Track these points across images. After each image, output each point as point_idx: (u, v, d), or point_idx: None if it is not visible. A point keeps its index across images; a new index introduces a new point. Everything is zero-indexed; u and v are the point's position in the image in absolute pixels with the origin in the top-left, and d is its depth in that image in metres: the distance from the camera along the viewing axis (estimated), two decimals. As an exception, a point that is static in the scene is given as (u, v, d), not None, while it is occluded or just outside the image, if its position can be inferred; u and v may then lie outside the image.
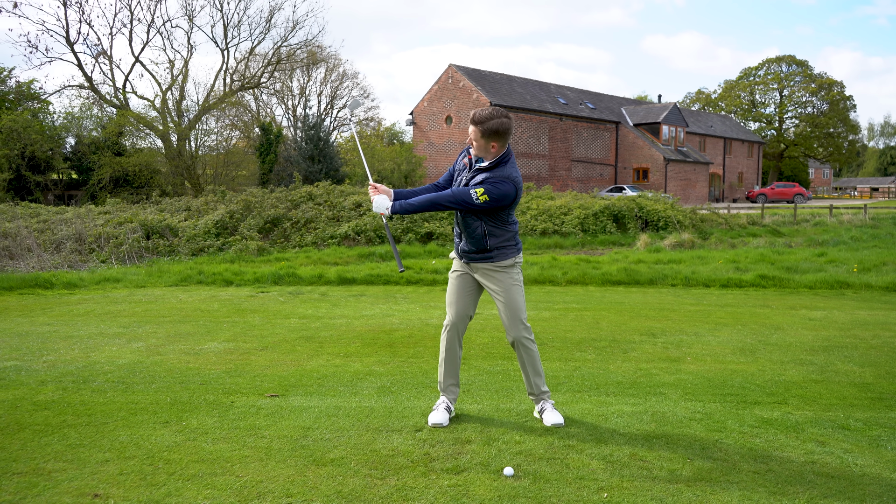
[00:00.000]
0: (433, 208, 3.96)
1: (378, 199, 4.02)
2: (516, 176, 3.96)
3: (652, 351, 6.07)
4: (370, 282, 10.67)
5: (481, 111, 3.89)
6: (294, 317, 7.74)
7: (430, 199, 3.98)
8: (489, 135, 3.88)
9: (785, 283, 10.40)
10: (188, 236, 18.14)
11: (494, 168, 3.97)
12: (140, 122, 34.27)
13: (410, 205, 3.99)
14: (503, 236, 4.09)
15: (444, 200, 3.94)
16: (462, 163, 4.18)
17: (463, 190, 3.93)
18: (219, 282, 10.68)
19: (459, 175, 4.15)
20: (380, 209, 4.00)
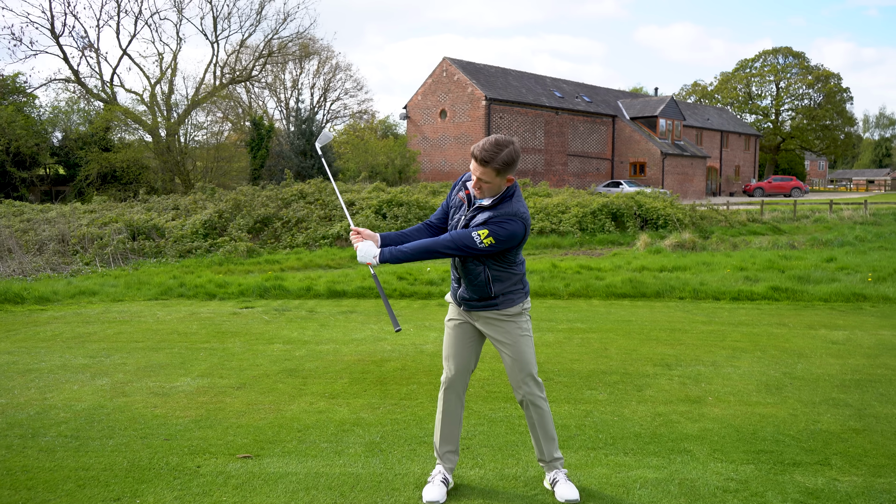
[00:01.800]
0: (429, 256, 3.39)
1: (363, 246, 3.44)
2: (524, 211, 3.39)
3: (668, 388, 5.52)
4: (361, 295, 10.09)
5: (483, 147, 3.29)
6: (278, 341, 7.17)
7: (424, 246, 3.39)
8: (504, 169, 3.30)
9: (798, 295, 9.87)
10: (175, 237, 17.56)
11: (499, 205, 3.40)
12: (128, 117, 33.50)
13: (402, 252, 3.41)
14: (510, 280, 3.53)
15: (441, 247, 3.36)
16: (457, 198, 3.60)
17: (463, 233, 3.35)
18: (201, 295, 10.09)
19: (456, 213, 3.58)
20: (365, 258, 3.42)
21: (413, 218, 19.65)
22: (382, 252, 3.42)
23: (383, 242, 3.54)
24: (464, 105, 38.85)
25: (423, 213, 19.91)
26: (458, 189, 3.61)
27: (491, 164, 3.26)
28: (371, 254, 3.42)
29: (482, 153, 3.27)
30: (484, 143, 3.29)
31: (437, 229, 3.69)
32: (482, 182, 3.34)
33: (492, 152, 3.25)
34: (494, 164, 3.26)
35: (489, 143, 3.28)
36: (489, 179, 3.31)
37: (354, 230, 3.55)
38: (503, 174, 3.31)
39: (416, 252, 3.39)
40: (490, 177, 3.30)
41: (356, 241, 3.50)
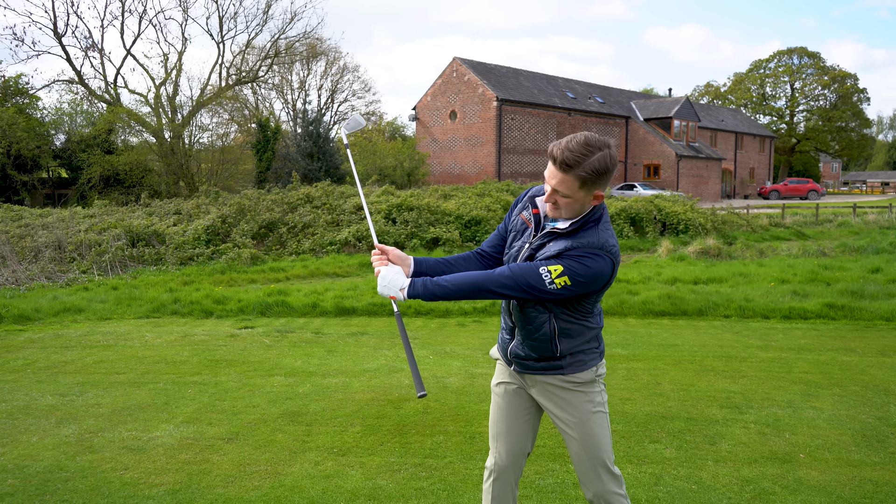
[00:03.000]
0: (477, 293, 2.46)
1: (387, 273, 2.53)
2: (613, 244, 2.46)
3: (746, 440, 4.58)
4: (372, 312, 9.17)
5: (566, 147, 2.34)
6: (279, 372, 6.26)
7: (472, 281, 2.46)
8: (593, 180, 2.37)
9: (856, 313, 8.90)
10: (176, 243, 16.73)
11: (580, 231, 2.46)
12: (131, 118, 32.74)
13: (441, 286, 2.47)
14: (582, 336, 2.60)
15: (494, 284, 2.43)
16: (519, 220, 2.66)
17: (527, 268, 2.43)
18: (197, 312, 9.19)
19: (517, 240, 2.64)
20: (389, 290, 2.51)
21: (424, 223, 18.75)
22: (414, 283, 2.49)
23: (416, 270, 2.62)
24: (474, 106, 37.93)
25: (434, 218, 19.01)
26: (520, 207, 2.67)
27: (575, 169, 2.32)
28: (397, 284, 2.50)
29: (564, 154, 2.32)
30: (568, 142, 2.35)
31: (491, 261, 2.74)
32: (559, 195, 2.40)
33: (578, 154, 2.31)
34: (580, 172, 2.32)
35: (576, 141, 2.34)
36: (570, 192, 2.38)
37: (379, 249, 2.63)
38: (590, 187, 2.38)
39: (461, 287, 2.45)
40: (571, 188, 2.37)
41: (378, 265, 2.59)
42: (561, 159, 2.32)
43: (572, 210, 2.43)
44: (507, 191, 25.49)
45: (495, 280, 2.43)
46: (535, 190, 2.63)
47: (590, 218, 2.46)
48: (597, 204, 2.45)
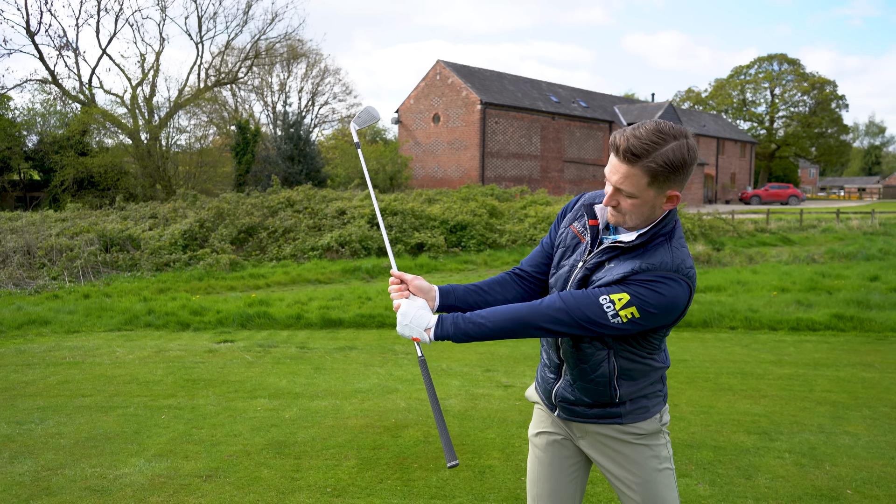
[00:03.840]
0: (522, 331, 1.96)
1: (408, 308, 2.03)
2: (691, 265, 1.97)
3: (784, 472, 4.14)
4: (360, 324, 8.66)
5: (633, 134, 1.87)
6: (262, 394, 5.72)
7: (515, 316, 1.96)
8: (666, 175, 1.88)
9: (865, 324, 8.55)
10: (152, 249, 16.10)
11: (649, 248, 1.97)
12: (107, 119, 31.84)
13: (476, 325, 1.97)
14: (646, 377, 2.12)
15: (544, 320, 1.93)
16: (569, 233, 2.16)
17: (584, 297, 1.93)
18: (172, 325, 8.61)
19: (567, 257, 2.13)
20: (412, 331, 2.01)
21: (408, 228, 18.25)
22: (442, 321, 1.99)
23: (443, 303, 2.12)
24: (458, 109, 37.49)
25: (418, 223, 18.52)
26: (571, 217, 2.18)
27: (643, 160, 1.84)
28: (421, 323, 2.00)
29: (630, 141, 1.85)
30: (635, 129, 1.88)
31: (532, 284, 2.24)
32: (623, 195, 1.92)
33: (648, 142, 1.84)
34: (650, 163, 1.84)
35: (644, 128, 1.86)
36: (636, 191, 1.89)
37: (396, 278, 2.14)
38: (662, 184, 1.90)
39: (501, 324, 1.96)
40: (638, 186, 1.88)
41: (398, 298, 2.10)
42: (625, 147, 1.85)
43: (639, 215, 1.95)
44: (491, 195, 25.05)
45: (544, 314, 1.93)
46: (589, 196, 2.14)
47: (660, 230, 1.97)
48: (670, 209, 1.97)
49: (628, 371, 2.06)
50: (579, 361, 2.07)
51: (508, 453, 4.41)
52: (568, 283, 2.07)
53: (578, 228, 2.12)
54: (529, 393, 2.40)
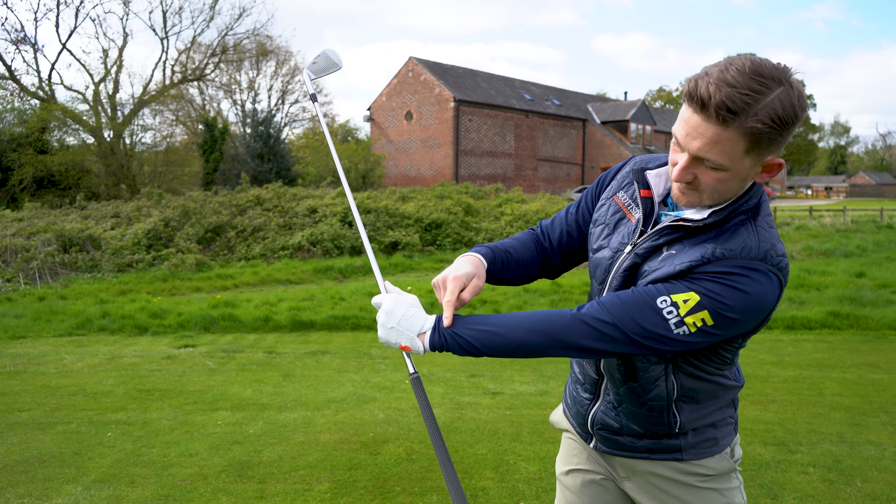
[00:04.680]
0: (550, 349, 1.43)
1: (395, 307, 1.48)
2: (782, 252, 1.43)
3: (812, 490, 3.68)
4: (333, 326, 8.09)
5: (724, 79, 1.28)
6: (224, 405, 5.14)
7: (540, 328, 1.43)
8: (772, 138, 1.31)
9: (862, 322, 8.21)
10: (113, 249, 15.36)
11: (724, 226, 1.44)
12: (67, 116, 30.75)
13: (484, 333, 1.43)
14: (716, 400, 1.60)
15: (582, 336, 1.41)
16: (612, 206, 1.64)
17: (634, 300, 1.41)
18: (128, 329, 7.96)
19: (608, 237, 1.61)
20: (401, 337, 1.46)
21: (382, 226, 17.70)
22: (439, 329, 1.45)
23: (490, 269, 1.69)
24: (431, 107, 36.96)
25: (392, 221, 17.98)
26: (616, 186, 1.66)
27: (743, 118, 1.28)
28: (413, 326, 1.46)
29: (724, 92, 1.27)
30: (723, 71, 1.29)
31: (546, 254, 1.78)
32: (705, 168, 1.37)
33: (747, 91, 1.27)
34: (753, 122, 1.28)
35: (736, 69, 1.29)
36: (728, 161, 1.34)
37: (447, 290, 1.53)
38: (764, 151, 1.34)
39: (521, 337, 1.42)
40: (731, 155, 1.33)
41: (381, 303, 1.52)
42: (719, 101, 1.27)
43: (724, 192, 1.41)
44: (466, 193, 24.57)
45: (581, 327, 1.40)
46: (640, 160, 1.63)
47: (741, 206, 1.44)
48: (761, 182, 1.44)
49: (692, 391, 1.55)
50: (627, 378, 1.56)
51: (503, 472, 3.89)
52: (610, 273, 1.56)
53: (624, 201, 1.60)
54: (556, 417, 1.89)
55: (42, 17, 38.69)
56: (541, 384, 5.75)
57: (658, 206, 1.54)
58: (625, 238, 1.55)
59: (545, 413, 4.94)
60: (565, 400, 1.82)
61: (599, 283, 1.59)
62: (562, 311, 1.45)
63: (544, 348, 1.41)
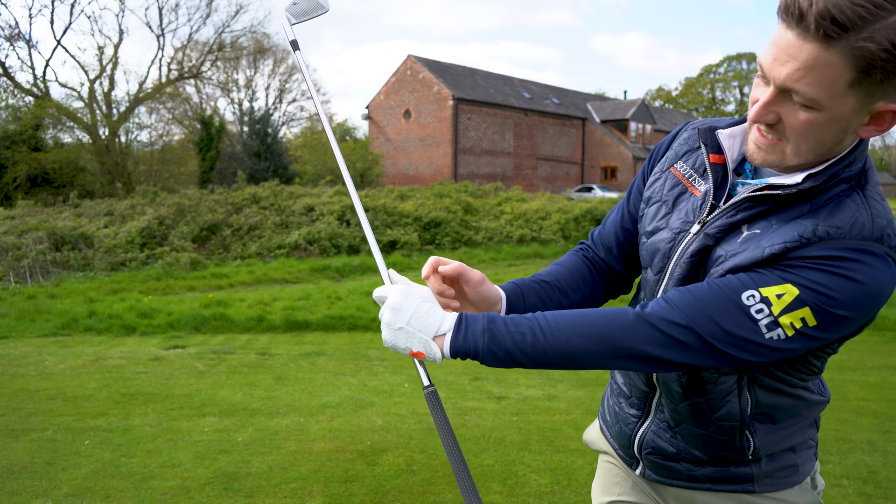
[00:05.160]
0: (603, 357, 1.11)
1: (405, 302, 1.14)
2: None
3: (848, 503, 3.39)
4: (330, 326, 7.78)
5: None
6: (212, 411, 4.83)
7: (594, 332, 1.10)
8: (889, 69, 0.97)
9: (878, 322, 7.91)
10: (106, 247, 15.07)
11: (822, 197, 1.11)
12: (61, 113, 30.41)
13: (523, 335, 1.11)
14: (797, 420, 1.30)
15: (646, 341, 1.09)
16: (670, 178, 1.31)
17: (711, 295, 1.08)
18: (116, 329, 7.65)
19: (667, 217, 1.28)
20: (413, 342, 1.12)
21: (380, 225, 17.40)
22: (467, 324, 1.13)
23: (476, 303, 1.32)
24: (429, 105, 36.66)
25: (391, 220, 17.67)
26: (673, 154, 1.34)
27: (853, 36, 0.96)
28: (428, 327, 1.13)
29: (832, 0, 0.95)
30: None
31: (608, 273, 1.45)
32: (788, 107, 1.05)
33: (864, 4, 0.94)
34: (866, 42, 0.95)
35: None
36: (823, 97, 1.01)
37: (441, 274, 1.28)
38: (874, 90, 1.01)
39: (571, 343, 1.10)
40: (830, 87, 1.00)
41: (384, 297, 1.18)
42: (821, 9, 0.96)
43: (816, 145, 1.08)
44: (465, 191, 24.27)
45: (647, 331, 1.09)
46: (702, 122, 1.31)
47: (841, 170, 1.12)
48: (867, 137, 1.11)
49: (770, 409, 1.24)
50: (690, 392, 1.25)
51: (511, 486, 3.59)
52: (670, 259, 1.25)
53: (685, 172, 1.28)
54: (590, 436, 1.58)
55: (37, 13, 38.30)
56: (548, 388, 5.45)
57: (732, 175, 1.23)
58: (689, 216, 1.24)
59: (554, 420, 4.64)
60: (603, 415, 1.52)
61: (656, 272, 1.27)
62: (620, 309, 1.14)
63: (598, 358, 1.10)
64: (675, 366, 1.09)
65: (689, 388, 1.24)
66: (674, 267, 1.23)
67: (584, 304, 1.39)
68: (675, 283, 1.21)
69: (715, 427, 1.25)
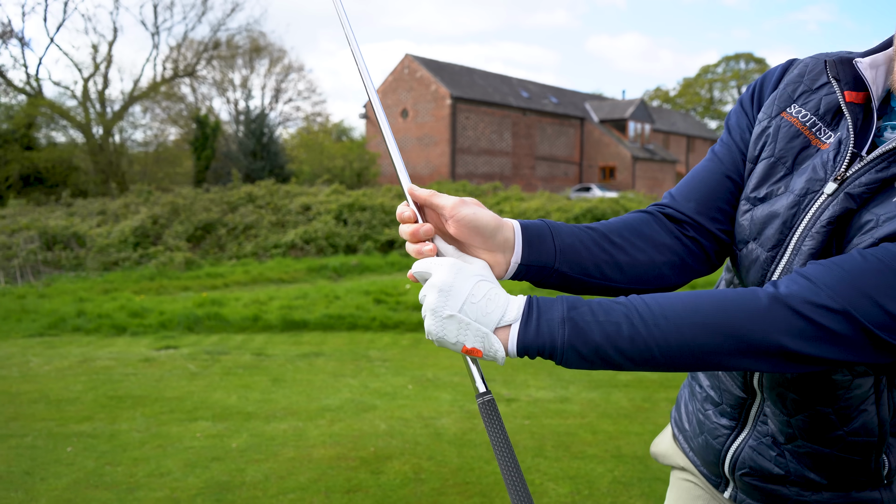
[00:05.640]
0: (730, 353, 0.81)
1: (457, 281, 0.84)
2: None
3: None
4: (328, 326, 7.49)
5: None
6: (204, 415, 4.54)
7: (714, 317, 0.81)
8: None
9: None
10: (99, 247, 14.80)
11: None
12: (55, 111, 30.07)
13: (624, 329, 0.81)
14: None
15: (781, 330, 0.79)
16: (784, 126, 1.00)
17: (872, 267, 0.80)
18: (105, 328, 7.35)
19: (782, 178, 0.98)
20: (468, 335, 0.83)
21: (377, 224, 17.13)
22: (539, 310, 0.84)
23: (529, 258, 0.94)
24: (427, 104, 36.39)
25: (388, 219, 17.37)
26: (784, 95, 1.02)
27: None
28: (489, 316, 0.83)
29: None
30: None
31: (690, 243, 1.05)
32: None
33: None
34: None
35: None
36: None
37: (416, 199, 0.95)
38: None
39: (676, 334, 0.81)
40: None
41: (423, 261, 0.89)
42: None
43: None
44: (463, 191, 24.03)
45: (786, 317, 0.80)
46: (823, 55, 1.02)
47: None
48: None
49: None
50: (813, 400, 0.97)
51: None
52: (793, 231, 0.95)
53: (804, 118, 0.99)
54: (661, 448, 1.30)
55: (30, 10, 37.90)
56: (559, 389, 5.17)
57: (874, 117, 0.94)
58: (818, 172, 0.94)
59: (568, 423, 4.36)
60: (678, 423, 1.23)
61: (770, 248, 0.98)
62: (745, 290, 0.85)
63: (720, 355, 0.82)
64: (821, 363, 0.81)
65: (812, 395, 0.96)
66: (801, 239, 0.94)
67: (661, 280, 1.03)
68: (803, 259, 0.93)
69: (844, 444, 0.96)
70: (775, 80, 1.05)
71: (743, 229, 1.02)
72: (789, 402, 0.98)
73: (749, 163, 1.04)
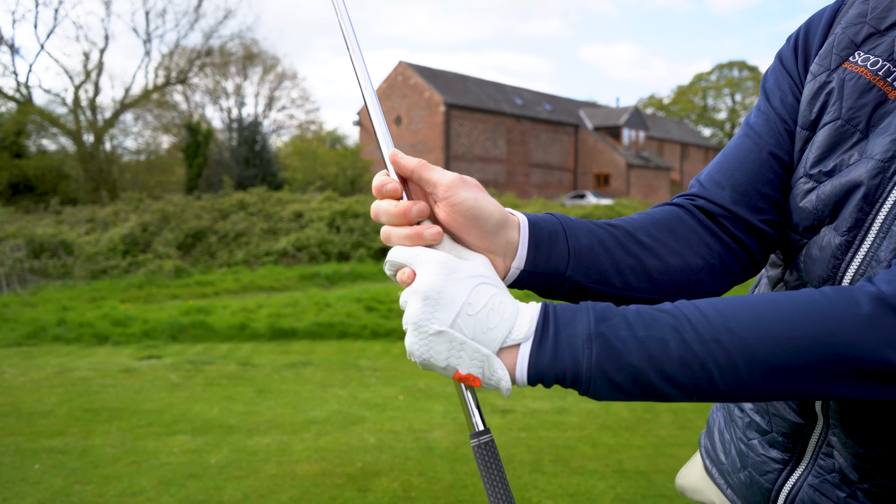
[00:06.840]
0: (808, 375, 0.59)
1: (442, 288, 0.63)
2: None
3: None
4: (317, 334, 7.26)
5: None
6: (184, 429, 4.31)
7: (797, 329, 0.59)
8: None
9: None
10: (87, 255, 14.55)
11: None
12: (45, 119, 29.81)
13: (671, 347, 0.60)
14: None
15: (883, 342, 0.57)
16: (845, 79, 0.78)
17: None
18: (87, 338, 7.10)
19: (854, 143, 0.75)
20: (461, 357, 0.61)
21: (371, 231, 16.90)
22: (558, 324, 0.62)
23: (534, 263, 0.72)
24: (421, 111, 36.26)
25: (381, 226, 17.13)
26: (849, 39, 0.80)
27: None
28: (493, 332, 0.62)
29: None
30: None
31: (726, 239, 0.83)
32: None
33: None
34: None
35: None
36: None
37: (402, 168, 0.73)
38: None
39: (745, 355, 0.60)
40: None
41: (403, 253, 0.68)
42: None
43: None
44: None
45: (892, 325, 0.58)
46: None
47: None
48: None
49: None
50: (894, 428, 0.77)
51: None
52: (878, 207, 0.73)
53: (874, 66, 0.77)
54: (688, 481, 1.08)
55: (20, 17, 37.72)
56: (557, 400, 4.96)
57: None
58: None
59: (567, 436, 4.15)
60: (711, 454, 1.02)
61: (845, 230, 0.75)
62: (831, 290, 0.63)
63: (806, 379, 0.60)
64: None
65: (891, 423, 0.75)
66: (889, 217, 0.72)
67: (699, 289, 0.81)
68: (894, 243, 0.70)
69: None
70: (825, 24, 0.84)
71: (806, 213, 0.80)
72: (866, 431, 0.77)
73: (803, 129, 0.83)
